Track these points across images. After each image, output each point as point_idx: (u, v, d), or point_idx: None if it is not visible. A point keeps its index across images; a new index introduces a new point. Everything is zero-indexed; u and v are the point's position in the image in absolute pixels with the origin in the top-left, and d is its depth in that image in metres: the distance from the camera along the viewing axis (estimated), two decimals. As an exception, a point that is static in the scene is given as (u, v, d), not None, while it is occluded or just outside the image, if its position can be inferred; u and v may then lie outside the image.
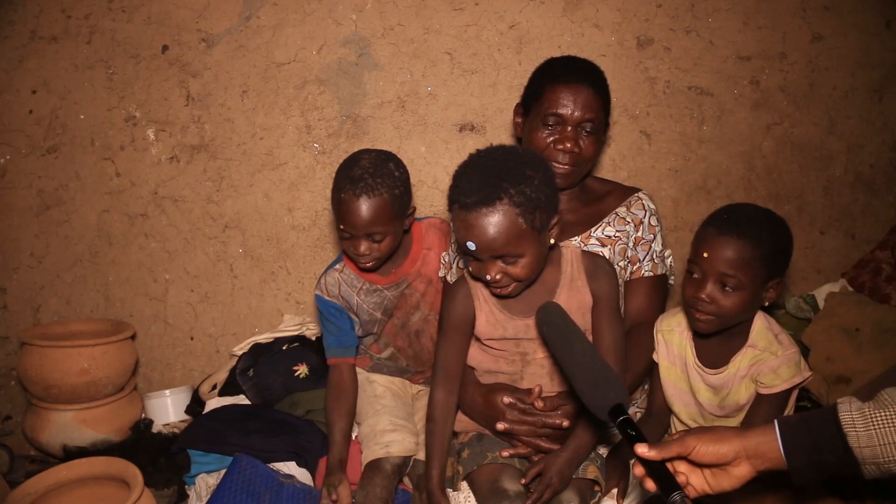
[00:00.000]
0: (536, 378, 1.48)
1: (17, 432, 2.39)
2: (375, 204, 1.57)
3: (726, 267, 1.40)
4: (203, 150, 2.41)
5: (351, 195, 1.57)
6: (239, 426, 1.89)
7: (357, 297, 1.75)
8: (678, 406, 1.61)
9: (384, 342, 1.84)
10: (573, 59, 1.75)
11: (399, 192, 1.63)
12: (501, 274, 1.34)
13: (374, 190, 1.57)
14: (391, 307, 1.77)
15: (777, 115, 2.54)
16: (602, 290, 1.45)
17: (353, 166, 1.61)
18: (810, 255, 2.66)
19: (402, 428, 1.70)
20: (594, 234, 1.71)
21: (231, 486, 1.68)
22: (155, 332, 2.50)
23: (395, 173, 1.63)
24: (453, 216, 1.35)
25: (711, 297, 1.42)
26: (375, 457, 1.64)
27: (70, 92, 2.35)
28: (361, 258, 1.64)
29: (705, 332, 1.48)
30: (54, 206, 2.39)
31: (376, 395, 1.80)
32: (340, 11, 2.36)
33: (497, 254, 1.31)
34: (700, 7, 2.44)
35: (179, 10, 2.33)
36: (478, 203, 1.28)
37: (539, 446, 1.46)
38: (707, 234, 1.44)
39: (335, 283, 1.76)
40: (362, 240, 1.61)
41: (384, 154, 1.68)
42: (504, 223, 1.28)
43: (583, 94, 1.61)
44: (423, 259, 1.77)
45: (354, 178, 1.58)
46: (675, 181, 2.54)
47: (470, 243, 1.30)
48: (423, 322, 1.81)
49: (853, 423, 1.02)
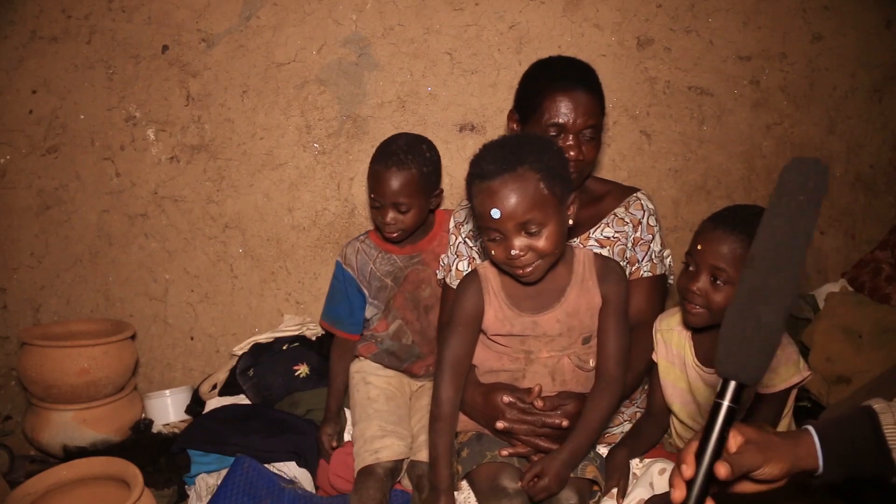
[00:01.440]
0: (538, 377, 1.48)
1: (17, 432, 2.39)
2: (404, 176, 1.73)
3: (718, 261, 1.41)
4: (203, 150, 2.41)
5: (383, 166, 1.75)
6: (239, 426, 1.89)
7: (372, 264, 1.87)
8: (677, 405, 1.61)
9: (392, 315, 1.87)
10: (566, 62, 1.71)
11: (427, 171, 1.78)
12: (526, 248, 1.33)
13: (404, 164, 1.73)
14: (401, 277, 1.86)
15: (777, 115, 2.54)
16: (611, 292, 1.46)
17: (390, 143, 1.79)
18: (810, 255, 2.66)
19: (391, 433, 1.71)
20: (593, 236, 1.71)
21: (232, 488, 1.68)
22: (155, 332, 2.50)
23: (426, 154, 1.79)
24: (474, 192, 1.35)
25: (702, 290, 1.42)
26: (366, 464, 1.65)
27: (70, 92, 2.35)
28: (387, 227, 1.78)
29: (695, 325, 1.48)
30: (54, 206, 2.39)
31: (370, 398, 1.81)
32: (340, 11, 2.36)
33: (521, 220, 1.30)
34: (700, 7, 2.44)
35: (179, 10, 2.33)
36: (499, 170, 1.30)
37: (538, 446, 1.46)
38: (704, 228, 1.46)
39: (354, 252, 1.89)
40: (389, 209, 1.76)
41: (420, 137, 1.85)
42: (527, 188, 1.30)
43: (582, 101, 1.60)
44: (440, 240, 1.88)
45: (389, 152, 1.76)
46: (675, 181, 2.54)
47: (494, 210, 1.30)
48: (434, 299, 1.87)
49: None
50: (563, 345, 1.46)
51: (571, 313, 1.45)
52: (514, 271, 1.39)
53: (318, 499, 1.75)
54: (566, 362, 1.47)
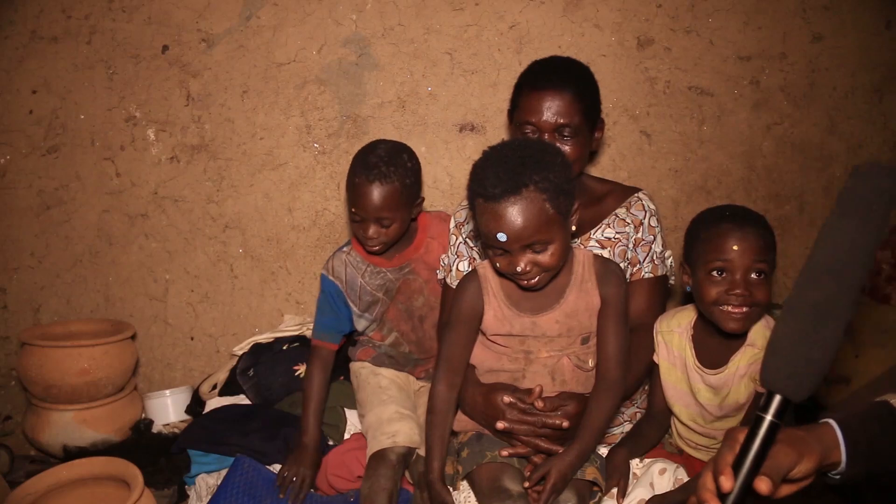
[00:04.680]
0: (538, 377, 1.48)
1: (17, 432, 2.39)
2: (386, 191, 1.66)
3: (760, 255, 1.43)
4: (203, 150, 2.41)
5: (364, 180, 1.66)
6: (239, 426, 1.89)
7: (361, 278, 1.82)
8: (678, 407, 1.61)
9: (388, 328, 1.86)
10: (551, 62, 1.70)
11: (410, 182, 1.71)
12: (531, 264, 1.33)
13: (386, 177, 1.66)
14: (393, 289, 1.82)
15: (777, 115, 2.54)
16: (611, 294, 1.46)
17: (369, 153, 1.70)
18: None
19: (407, 418, 1.70)
20: (594, 236, 1.70)
21: (232, 488, 1.68)
22: (155, 332, 2.50)
23: (407, 164, 1.72)
24: (478, 210, 1.34)
25: (747, 290, 1.43)
26: (381, 447, 1.64)
27: (70, 92, 2.35)
28: (369, 241, 1.72)
29: (744, 329, 1.47)
30: (54, 206, 2.39)
31: (381, 387, 1.81)
32: (340, 11, 2.36)
33: (527, 242, 1.31)
34: (700, 7, 2.43)
35: (179, 10, 2.33)
36: (504, 193, 1.28)
37: (538, 446, 1.46)
38: (723, 230, 1.46)
39: (341, 265, 1.83)
40: (371, 224, 1.70)
41: (400, 145, 1.76)
42: (533, 210, 1.28)
43: (556, 100, 1.58)
44: (426, 247, 1.84)
45: (369, 164, 1.67)
46: (675, 181, 2.54)
47: (500, 234, 1.30)
48: (427, 308, 1.85)
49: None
50: (563, 345, 1.46)
51: (570, 314, 1.45)
52: (517, 281, 1.40)
53: (317, 498, 1.75)
54: (566, 362, 1.47)
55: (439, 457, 1.48)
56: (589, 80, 1.67)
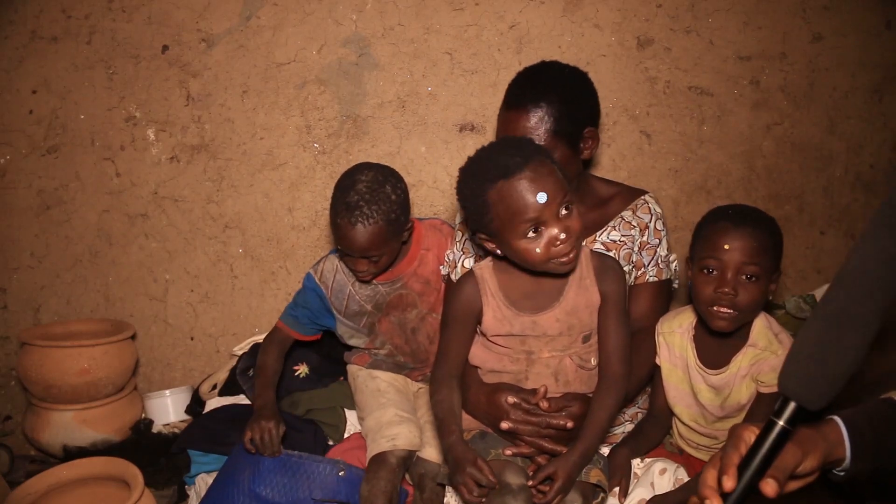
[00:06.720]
0: (541, 378, 1.47)
1: (17, 432, 2.39)
2: (371, 232, 1.60)
3: (751, 256, 1.42)
4: (203, 150, 2.41)
5: (347, 222, 1.60)
6: (239, 426, 1.88)
7: (351, 287, 1.79)
8: (680, 408, 1.61)
9: (381, 340, 1.85)
10: (527, 76, 1.66)
11: (395, 216, 1.64)
12: (566, 229, 1.31)
13: (370, 218, 1.59)
14: (383, 303, 1.79)
15: (777, 115, 2.54)
16: (610, 290, 1.45)
17: (349, 190, 1.61)
18: (810, 255, 2.66)
19: (407, 421, 1.70)
20: (599, 239, 1.70)
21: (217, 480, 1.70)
22: (155, 332, 2.50)
23: (391, 197, 1.63)
24: (502, 193, 1.31)
25: (733, 290, 1.42)
26: (381, 450, 1.63)
27: (70, 92, 2.35)
28: (359, 274, 1.70)
29: (726, 329, 1.47)
30: (54, 206, 2.39)
31: (380, 390, 1.80)
32: (340, 11, 2.36)
33: (563, 198, 1.31)
34: (700, 7, 2.44)
35: (179, 10, 2.33)
36: (525, 161, 1.30)
37: (542, 447, 1.45)
38: (719, 229, 1.46)
39: (332, 270, 1.80)
40: (359, 260, 1.67)
41: (381, 174, 1.66)
42: (552, 170, 1.32)
43: (521, 121, 1.58)
44: (420, 259, 1.79)
45: (351, 204, 1.60)
46: (675, 181, 2.54)
47: (541, 195, 1.29)
48: (420, 320, 1.82)
49: None
50: (564, 344, 1.46)
51: (571, 312, 1.44)
52: (558, 262, 1.34)
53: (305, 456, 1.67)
54: (568, 362, 1.47)
55: (456, 425, 1.42)
56: (569, 92, 1.61)
